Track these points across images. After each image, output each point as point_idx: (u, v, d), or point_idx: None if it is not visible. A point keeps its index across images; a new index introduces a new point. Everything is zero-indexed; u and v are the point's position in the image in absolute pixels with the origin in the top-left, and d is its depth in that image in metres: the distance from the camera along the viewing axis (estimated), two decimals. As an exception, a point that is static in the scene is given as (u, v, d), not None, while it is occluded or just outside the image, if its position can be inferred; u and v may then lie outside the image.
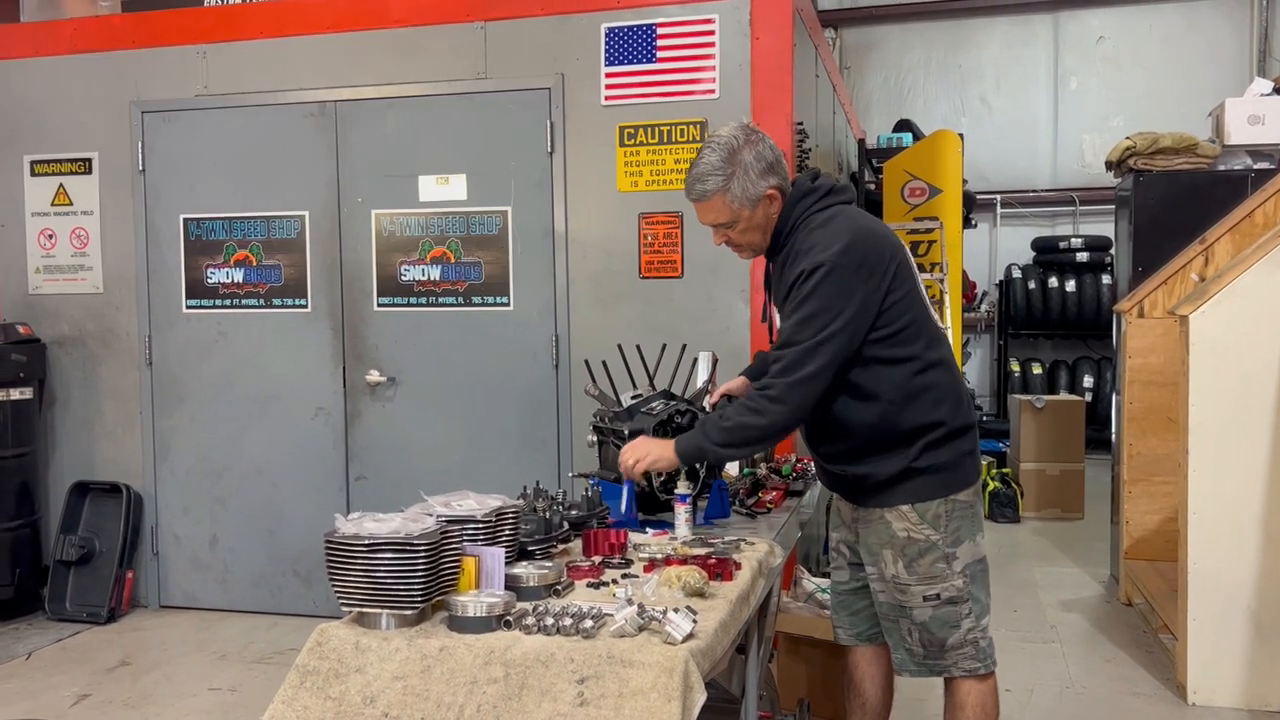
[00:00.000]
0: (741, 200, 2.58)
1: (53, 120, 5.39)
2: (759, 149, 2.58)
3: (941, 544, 2.59)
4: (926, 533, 2.59)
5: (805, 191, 2.62)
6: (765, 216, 2.62)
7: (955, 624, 2.62)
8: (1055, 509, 7.43)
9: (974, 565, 2.64)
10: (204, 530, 5.28)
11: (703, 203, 2.63)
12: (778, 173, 2.60)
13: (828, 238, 2.52)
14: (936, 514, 2.59)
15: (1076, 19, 10.49)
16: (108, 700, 4.19)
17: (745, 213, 2.60)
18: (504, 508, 2.32)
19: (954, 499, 2.60)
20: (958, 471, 2.61)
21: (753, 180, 2.56)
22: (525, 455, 4.80)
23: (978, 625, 2.64)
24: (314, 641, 2.06)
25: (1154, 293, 5.29)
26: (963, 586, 2.61)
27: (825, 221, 2.57)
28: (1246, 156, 5.57)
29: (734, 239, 2.67)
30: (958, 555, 2.61)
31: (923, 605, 2.62)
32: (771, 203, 2.60)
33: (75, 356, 5.43)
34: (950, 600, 2.61)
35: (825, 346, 2.45)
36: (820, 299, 2.46)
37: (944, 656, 2.64)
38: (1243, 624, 3.91)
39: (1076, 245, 10.10)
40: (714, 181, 2.58)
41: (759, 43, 4.50)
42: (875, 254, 2.51)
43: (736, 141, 2.57)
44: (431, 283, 4.93)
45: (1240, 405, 3.89)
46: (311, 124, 5.04)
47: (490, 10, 4.80)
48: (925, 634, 2.64)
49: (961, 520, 2.61)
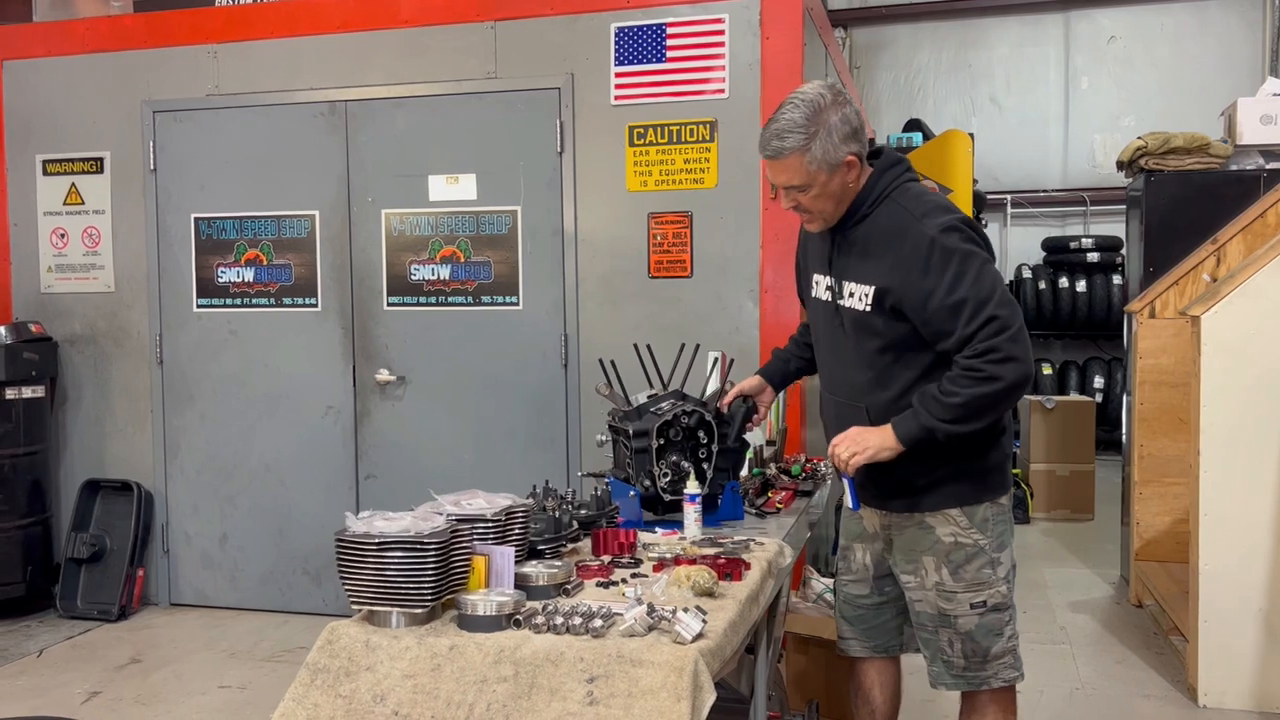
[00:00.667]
0: (820, 163, 2.40)
1: (65, 120, 5.42)
2: (845, 112, 2.42)
3: (989, 549, 2.53)
4: (975, 537, 2.52)
5: (894, 162, 2.51)
6: (841, 184, 2.45)
7: (999, 631, 2.55)
8: (1065, 510, 7.40)
9: (1012, 571, 2.60)
10: (214, 528, 5.30)
11: (778, 160, 2.43)
12: (860, 140, 2.45)
13: (933, 204, 2.46)
14: (984, 517, 2.53)
15: (1087, 18, 10.45)
16: (118, 697, 4.21)
17: (822, 177, 2.42)
18: (514, 507, 2.32)
19: (999, 502, 2.56)
20: (1002, 474, 2.57)
21: (835, 144, 2.40)
22: (534, 454, 4.81)
23: (1016, 633, 2.60)
24: (324, 640, 2.06)
25: (1165, 293, 5.27)
26: (1006, 593, 2.56)
27: (922, 193, 2.49)
28: (1259, 156, 5.55)
29: (804, 204, 2.48)
30: (1002, 560, 2.55)
31: (969, 613, 2.53)
32: (850, 170, 2.44)
33: (87, 355, 5.45)
34: (996, 607, 2.55)
35: (1006, 292, 2.36)
36: (975, 254, 2.36)
37: (985, 667, 2.56)
38: (1254, 626, 3.89)
39: (1087, 245, 10.07)
40: (794, 139, 2.40)
41: (769, 43, 4.49)
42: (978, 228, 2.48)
43: (823, 100, 2.41)
44: (441, 282, 4.94)
45: (1252, 406, 3.87)
46: (322, 123, 5.06)
47: (500, 10, 4.80)
48: (969, 644, 2.55)
49: (1003, 524, 2.57)
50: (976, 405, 2.35)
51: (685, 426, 2.90)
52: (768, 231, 4.51)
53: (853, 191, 2.49)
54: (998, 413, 2.43)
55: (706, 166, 4.57)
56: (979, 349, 2.33)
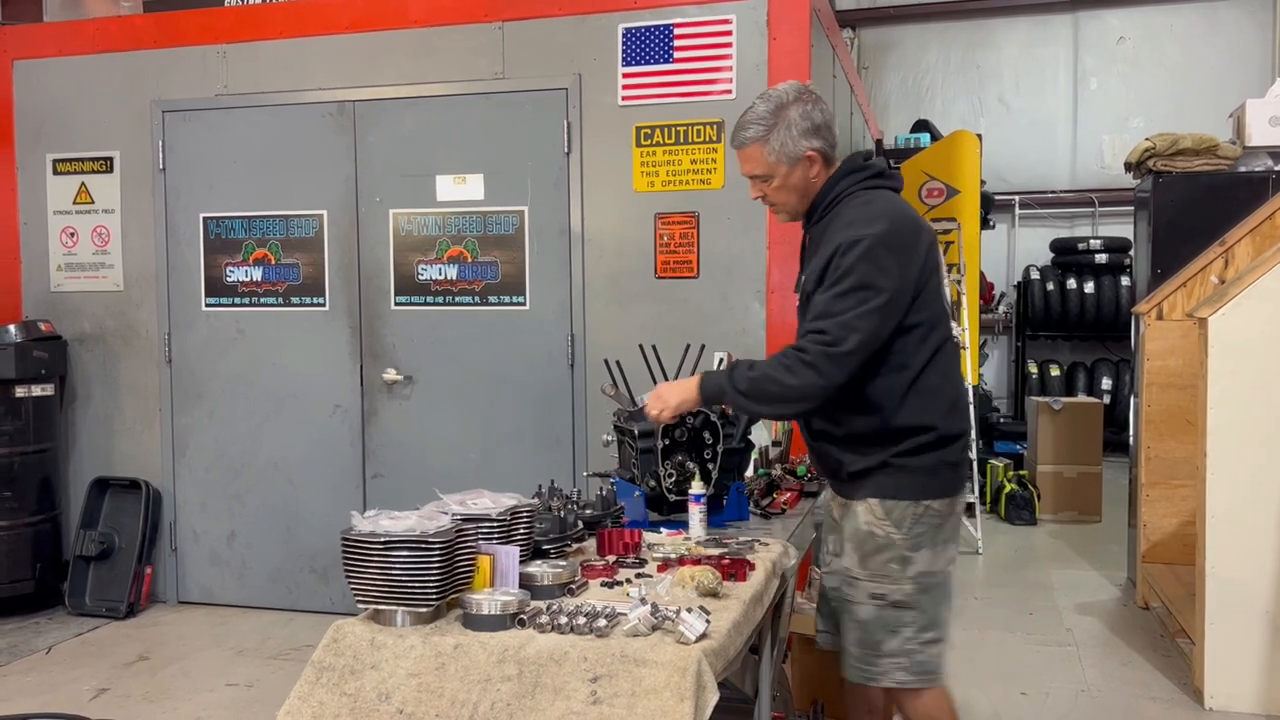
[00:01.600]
0: (779, 155, 2.54)
1: (75, 119, 5.44)
2: (807, 108, 2.54)
3: (901, 545, 2.52)
4: (888, 529, 2.52)
5: (855, 168, 2.59)
6: (803, 178, 2.57)
7: (895, 630, 2.53)
8: (1072, 511, 7.39)
9: (929, 577, 2.54)
10: (222, 526, 5.32)
11: (742, 150, 2.59)
12: (823, 137, 2.56)
13: (870, 215, 2.48)
14: (903, 515, 2.52)
15: (1096, 19, 10.42)
16: (126, 694, 4.23)
17: (782, 169, 2.56)
18: (519, 506, 2.33)
19: (926, 504, 2.52)
20: (934, 478, 2.53)
21: (794, 137, 2.53)
22: (540, 454, 4.82)
23: (918, 638, 2.53)
24: (330, 638, 2.07)
25: (1173, 295, 5.26)
26: (911, 592, 2.52)
27: (869, 200, 2.53)
28: (1268, 158, 5.53)
29: (769, 195, 2.62)
30: (914, 560, 2.52)
31: (866, 603, 2.55)
32: (811, 165, 2.56)
33: (96, 353, 5.47)
34: (896, 604, 2.52)
35: (864, 322, 2.40)
36: (860, 275, 2.41)
37: (876, 662, 2.55)
38: (1261, 628, 3.88)
39: (1095, 247, 10.04)
40: (754, 130, 2.55)
41: (776, 43, 4.50)
42: (913, 240, 2.48)
43: (786, 97, 2.55)
44: (448, 282, 4.95)
45: (1259, 409, 3.86)
46: (330, 123, 5.07)
47: (508, 10, 4.81)
48: (863, 633, 2.57)
49: (926, 528, 2.53)
50: (765, 388, 2.47)
51: (690, 427, 2.91)
52: (774, 232, 4.51)
53: (815, 187, 2.60)
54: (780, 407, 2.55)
55: (713, 167, 4.57)
56: (799, 344, 2.47)
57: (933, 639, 2.56)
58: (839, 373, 2.41)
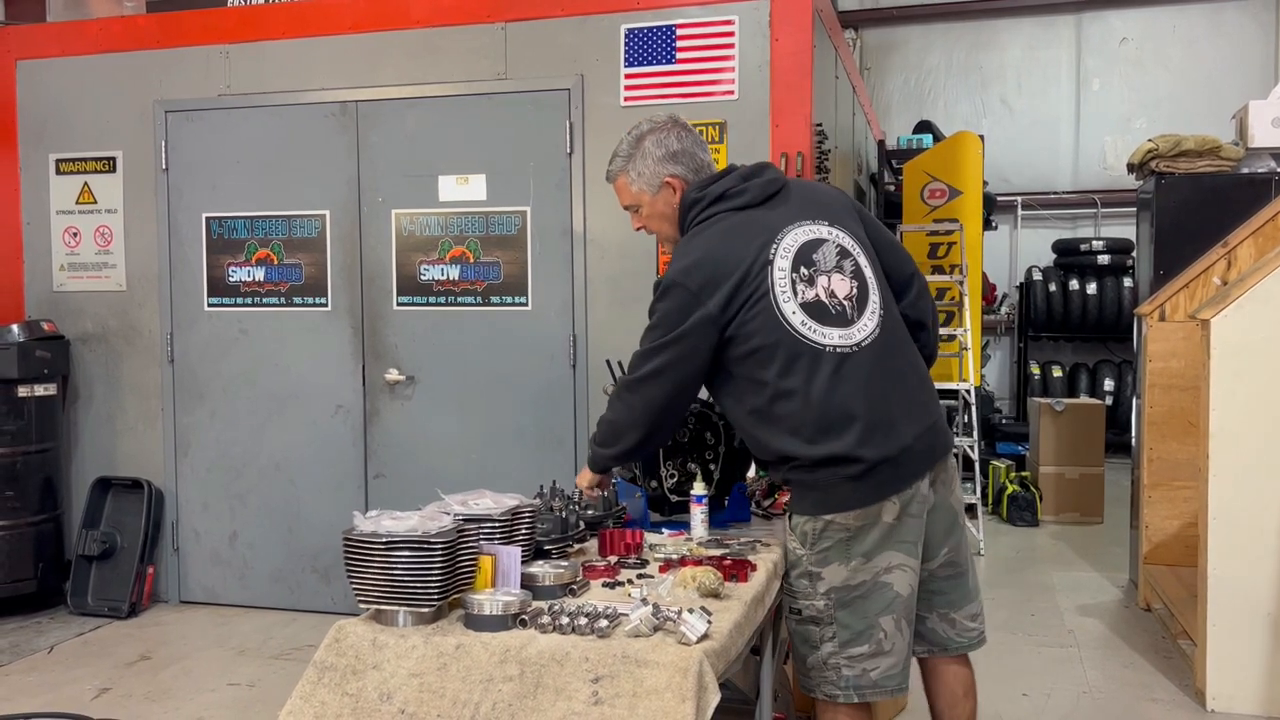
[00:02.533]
0: (639, 184, 2.65)
1: (78, 119, 5.45)
2: (661, 136, 2.64)
3: (806, 561, 2.48)
4: (794, 545, 2.51)
5: (691, 203, 2.62)
6: (666, 204, 2.66)
7: (814, 644, 2.49)
8: (1074, 513, 7.38)
9: (843, 591, 2.44)
10: (224, 526, 5.32)
11: (613, 183, 2.73)
12: (681, 162, 2.63)
13: (680, 254, 2.54)
14: (805, 530, 2.47)
15: (1099, 20, 10.42)
16: (128, 694, 4.23)
17: (645, 198, 2.66)
18: (520, 507, 2.33)
19: (828, 519, 2.44)
20: (832, 494, 2.43)
21: (649, 165, 2.62)
22: (542, 455, 4.82)
23: (842, 652, 2.45)
24: (332, 638, 2.07)
25: (1175, 296, 5.25)
26: (824, 608, 2.46)
27: (691, 237, 2.58)
28: (1270, 159, 5.53)
29: (645, 225, 2.73)
30: (823, 576, 2.45)
31: (790, 616, 2.55)
32: (674, 192, 2.64)
33: (98, 353, 5.48)
34: (810, 619, 2.48)
35: (656, 356, 2.50)
36: (658, 313, 2.52)
37: (807, 675, 2.53)
38: (1263, 630, 3.88)
39: (1098, 248, 10.03)
40: (616, 163, 2.69)
41: (778, 44, 4.50)
42: (720, 274, 2.44)
43: (644, 128, 2.67)
44: (450, 282, 4.95)
45: (1262, 410, 3.86)
46: (333, 124, 5.08)
47: (510, 11, 4.82)
48: (794, 646, 2.58)
49: (834, 542, 2.44)
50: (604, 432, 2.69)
51: (692, 428, 2.91)
52: (776, 233, 4.50)
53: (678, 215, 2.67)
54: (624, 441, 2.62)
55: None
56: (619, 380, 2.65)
57: (867, 653, 2.45)
58: (640, 398, 2.54)
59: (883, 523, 2.44)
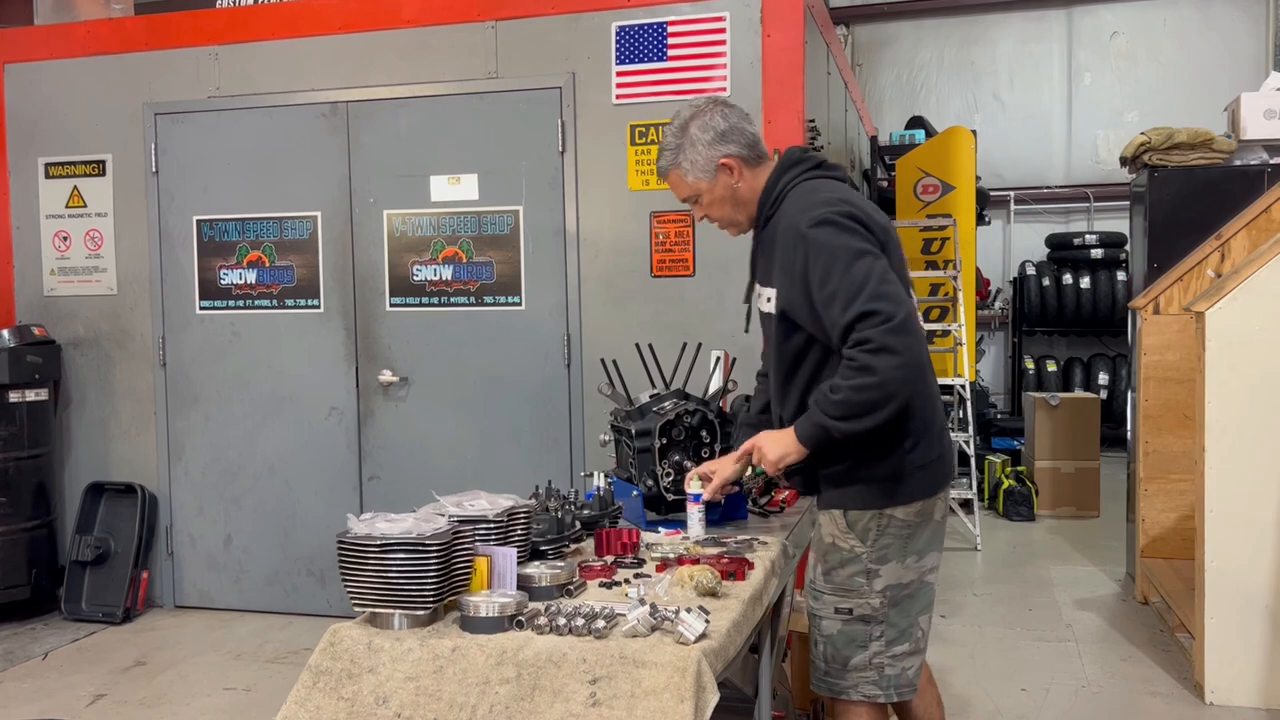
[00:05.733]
0: (694, 174, 2.53)
1: (67, 122, 5.42)
2: (706, 119, 2.51)
3: (866, 558, 2.42)
4: (852, 543, 2.43)
5: (794, 161, 2.52)
6: (727, 188, 2.53)
7: (863, 644, 2.44)
8: (1070, 507, 7.39)
9: (896, 589, 2.44)
10: (218, 530, 5.30)
11: (665, 180, 2.61)
12: (732, 140, 2.51)
13: (822, 198, 2.39)
14: (867, 527, 2.42)
15: (1090, 14, 10.43)
16: (123, 700, 4.21)
17: (703, 185, 2.54)
18: (516, 507, 2.32)
19: (890, 514, 2.42)
20: (902, 484, 2.41)
21: (701, 152, 2.50)
22: (537, 454, 4.80)
23: (887, 650, 2.44)
24: (327, 642, 2.06)
25: (1169, 289, 5.26)
26: (879, 606, 2.43)
27: (815, 189, 2.45)
28: (1263, 151, 5.53)
29: (707, 214, 2.61)
30: (880, 574, 2.43)
31: (833, 617, 2.46)
32: (731, 173, 2.52)
33: (90, 358, 5.45)
34: (863, 618, 2.44)
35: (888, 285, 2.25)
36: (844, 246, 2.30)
37: (844, 676, 2.46)
38: (1261, 622, 3.88)
39: (1091, 242, 10.04)
40: (666, 158, 2.56)
41: (770, 40, 4.48)
42: (868, 220, 2.37)
43: (686, 113, 2.55)
44: (443, 282, 4.94)
45: (1257, 402, 3.86)
46: (323, 124, 5.05)
47: (501, 10, 4.80)
48: (830, 648, 2.48)
49: (894, 538, 2.42)
50: (858, 400, 2.27)
51: (688, 426, 2.90)
52: (770, 230, 4.49)
53: (746, 192, 2.55)
54: (884, 409, 2.28)
55: (708, 165, 4.55)
56: (854, 340, 2.27)
57: (906, 651, 2.46)
58: (908, 339, 2.25)
59: (934, 520, 2.49)
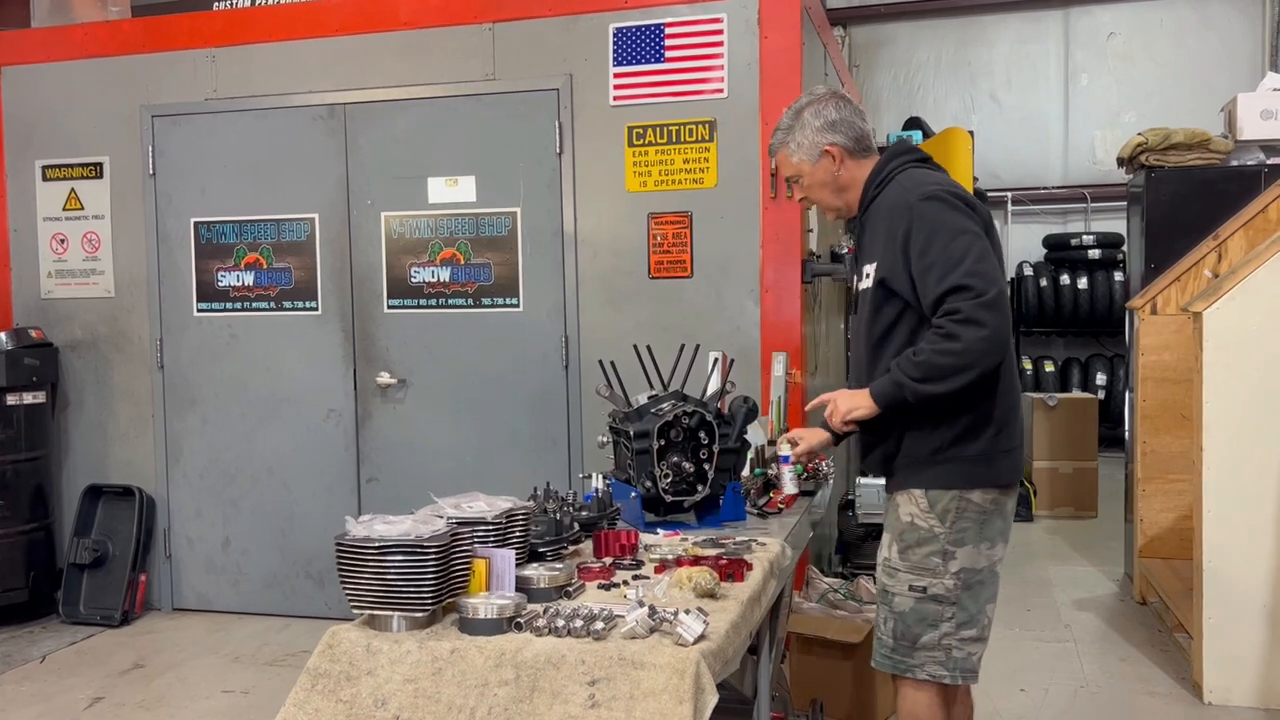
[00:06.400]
0: (799, 155, 2.69)
1: (64, 125, 5.42)
2: (819, 107, 2.68)
3: (943, 539, 2.52)
4: (931, 523, 2.53)
5: (903, 150, 2.68)
6: (827, 173, 2.68)
7: (934, 624, 2.53)
8: (1069, 507, 7.39)
9: (970, 573, 2.54)
10: (216, 532, 5.29)
11: (775, 157, 2.76)
12: (840, 131, 2.66)
13: (927, 180, 2.53)
14: (947, 508, 2.52)
15: (1087, 14, 10.44)
16: (121, 703, 4.20)
17: (806, 168, 2.69)
18: (514, 509, 2.31)
19: (968, 498, 2.52)
20: (988, 466, 2.52)
21: (809, 135, 2.66)
22: (536, 456, 4.80)
23: (957, 633, 2.53)
24: (325, 644, 2.05)
25: (1167, 289, 5.26)
26: (952, 588, 2.52)
27: (923, 175, 2.58)
28: (1259, 152, 5.54)
29: (806, 195, 2.75)
30: (956, 556, 2.53)
31: (906, 594, 2.54)
32: (834, 160, 2.66)
33: (87, 360, 5.45)
34: (935, 598, 2.53)
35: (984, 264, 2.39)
36: (952, 221, 2.44)
37: (912, 654, 2.54)
38: (1259, 622, 3.88)
39: (1088, 242, 10.06)
40: (778, 137, 2.73)
41: (767, 42, 4.49)
42: (974, 203, 2.51)
43: (803, 100, 2.72)
44: (441, 284, 4.94)
45: (1255, 402, 3.86)
46: (321, 126, 5.05)
47: (498, 11, 4.80)
48: (900, 625, 2.56)
49: (971, 521, 2.53)
50: (938, 364, 2.40)
51: (686, 427, 2.89)
52: (768, 231, 4.50)
53: (846, 180, 2.69)
54: (960, 376, 2.40)
55: (706, 166, 4.56)
56: (945, 309, 2.40)
57: (973, 637, 2.55)
58: (996, 316, 2.37)
59: (1005, 512, 2.58)
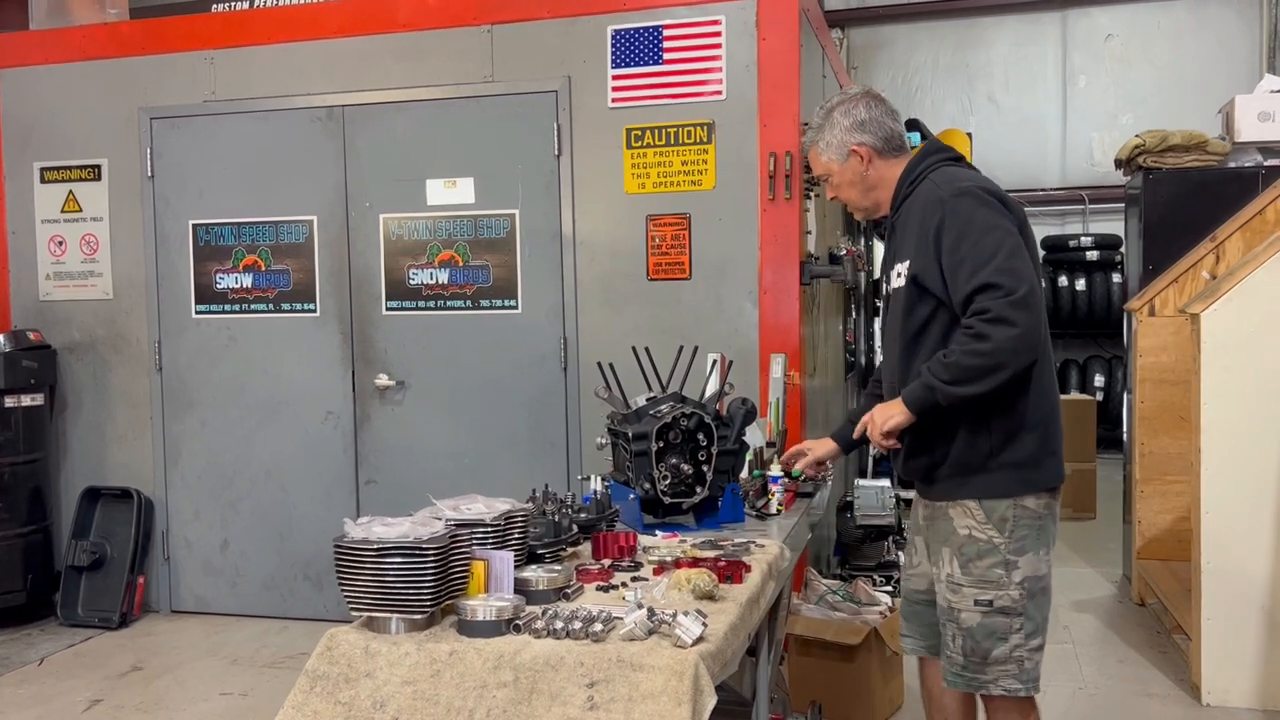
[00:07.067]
0: (828, 154, 2.69)
1: (62, 127, 5.42)
2: (849, 106, 2.68)
3: (1004, 549, 2.49)
4: (990, 534, 2.50)
5: (936, 149, 2.68)
6: (855, 173, 2.67)
7: (1003, 636, 2.50)
8: (1067, 509, 7.29)
9: (1034, 581, 2.53)
10: (215, 535, 5.29)
11: (808, 155, 2.78)
12: (869, 131, 2.65)
13: (959, 177, 2.53)
14: (1004, 516, 2.50)
15: (1085, 16, 10.44)
16: (120, 705, 4.20)
17: (835, 166, 2.69)
18: (513, 511, 2.31)
19: (1022, 504, 2.50)
20: (1038, 470, 2.51)
21: (838, 135, 2.66)
22: (534, 458, 4.80)
23: (1026, 644, 2.51)
24: (324, 646, 2.05)
25: (1165, 291, 5.27)
26: (1019, 599, 2.50)
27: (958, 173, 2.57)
28: (1257, 153, 5.55)
29: (837, 193, 2.75)
30: (1019, 565, 2.50)
31: (972, 610, 2.51)
32: (861, 160, 2.66)
33: (86, 362, 5.44)
34: (1003, 610, 2.50)
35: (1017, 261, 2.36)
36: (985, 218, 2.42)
37: (985, 670, 2.51)
38: (1257, 623, 3.88)
39: (1086, 244, 10.06)
40: (810, 134, 2.74)
41: (765, 43, 4.49)
42: (1008, 201, 2.50)
43: (834, 100, 2.72)
44: (440, 286, 4.94)
45: (1253, 403, 3.87)
46: (319, 129, 5.05)
47: (497, 13, 4.80)
48: (969, 642, 2.52)
49: (1029, 528, 2.51)
50: (968, 365, 2.37)
51: (685, 429, 2.89)
52: (766, 233, 4.50)
53: (875, 179, 2.68)
54: (992, 377, 2.36)
55: (704, 168, 4.57)
56: (975, 309, 2.37)
57: (1039, 645, 2.55)
58: (1028, 315, 2.34)
59: (1056, 514, 2.60)
